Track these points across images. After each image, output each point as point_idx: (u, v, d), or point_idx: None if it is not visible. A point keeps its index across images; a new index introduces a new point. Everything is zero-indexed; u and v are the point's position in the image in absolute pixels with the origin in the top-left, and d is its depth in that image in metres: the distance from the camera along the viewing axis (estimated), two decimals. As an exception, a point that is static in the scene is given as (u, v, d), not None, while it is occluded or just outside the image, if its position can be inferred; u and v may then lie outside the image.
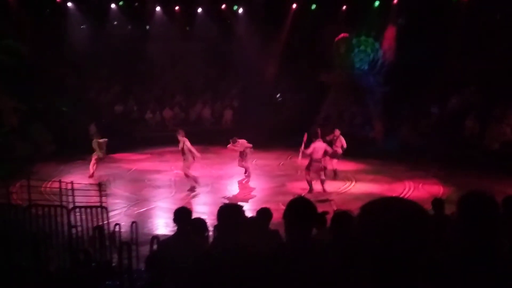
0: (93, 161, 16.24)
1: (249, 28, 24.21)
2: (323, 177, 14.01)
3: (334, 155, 15.46)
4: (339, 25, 22.49)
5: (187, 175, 14.60)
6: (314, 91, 23.49)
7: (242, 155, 15.47)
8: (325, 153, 13.95)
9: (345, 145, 15.66)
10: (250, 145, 15.43)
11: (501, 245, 2.70)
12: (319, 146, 13.68)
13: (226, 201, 12.96)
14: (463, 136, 18.92)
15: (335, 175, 15.74)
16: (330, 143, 15.19)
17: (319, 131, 14.21)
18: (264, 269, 3.07)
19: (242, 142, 15.40)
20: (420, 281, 1.66)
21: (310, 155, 13.67)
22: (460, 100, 20.80)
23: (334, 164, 15.75)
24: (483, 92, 19.85)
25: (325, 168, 14.39)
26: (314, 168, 13.82)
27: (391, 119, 21.95)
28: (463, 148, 18.15)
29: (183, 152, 14.40)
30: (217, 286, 3.30)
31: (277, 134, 21.51)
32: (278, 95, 26.43)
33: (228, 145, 15.69)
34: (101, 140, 16.34)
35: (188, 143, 14.35)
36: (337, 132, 15.89)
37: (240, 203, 4.75)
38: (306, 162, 14.00)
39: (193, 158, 14.53)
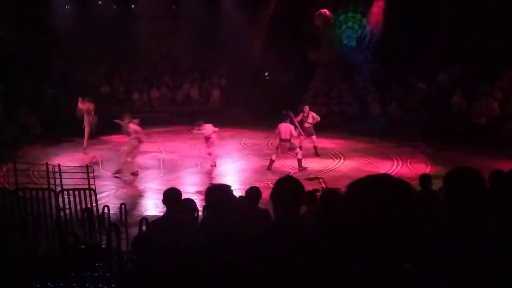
0: (86, 135, 16.21)
1: (235, 6, 23.95)
2: (299, 156, 14.21)
3: (309, 133, 15.60)
4: (327, 1, 22.28)
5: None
6: (302, 69, 23.41)
7: (207, 140, 14.52)
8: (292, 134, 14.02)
9: (318, 119, 15.77)
10: (217, 129, 14.68)
11: (488, 220, 2.71)
12: (285, 127, 13.80)
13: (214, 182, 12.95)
14: (451, 112, 19.01)
15: (316, 152, 15.83)
16: (301, 122, 15.54)
17: (287, 112, 14.34)
18: (253, 249, 3.07)
19: (208, 126, 14.47)
20: (407, 257, 1.65)
21: (278, 135, 13.88)
22: (448, 76, 20.86)
23: (313, 140, 15.83)
24: (470, 68, 19.92)
25: (300, 147, 14.64)
26: (281, 148, 13.97)
27: (380, 95, 22.01)
28: (450, 123, 18.26)
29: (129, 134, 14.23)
30: (206, 267, 3.30)
31: (265, 113, 21.47)
32: (266, 74, 26.32)
33: (193, 130, 14.87)
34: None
35: (133, 126, 14.09)
36: (306, 108, 16.03)
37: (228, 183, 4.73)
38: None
39: (138, 141, 14.20)
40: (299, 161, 14.19)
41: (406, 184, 1.68)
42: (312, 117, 15.79)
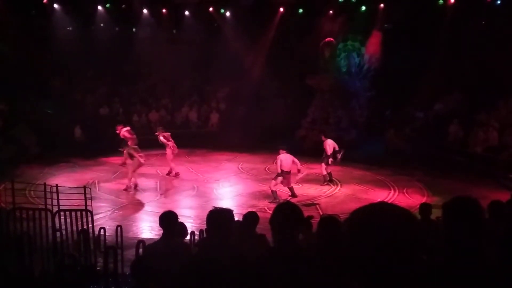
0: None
1: (236, 32, 24.20)
2: (290, 185, 14.07)
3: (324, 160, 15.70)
4: (326, 30, 22.53)
5: None
6: (300, 95, 23.55)
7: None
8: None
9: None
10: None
11: (486, 249, 2.73)
12: (285, 158, 13.64)
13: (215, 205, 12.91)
14: (447, 141, 19.11)
15: (325, 180, 15.77)
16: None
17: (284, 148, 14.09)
18: (252, 274, 3.07)
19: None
20: (407, 286, 1.67)
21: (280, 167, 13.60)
22: (445, 106, 21.02)
23: (323, 167, 15.80)
24: (467, 98, 20.09)
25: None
26: (286, 180, 13.80)
27: (376, 123, 22.11)
28: (447, 152, 18.33)
29: None
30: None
31: (263, 137, 21.53)
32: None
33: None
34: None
35: None
36: (323, 137, 16.06)
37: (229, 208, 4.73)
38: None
39: None
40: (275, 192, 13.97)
41: (408, 212, 1.70)
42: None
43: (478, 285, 2.46)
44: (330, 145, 15.72)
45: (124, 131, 15.99)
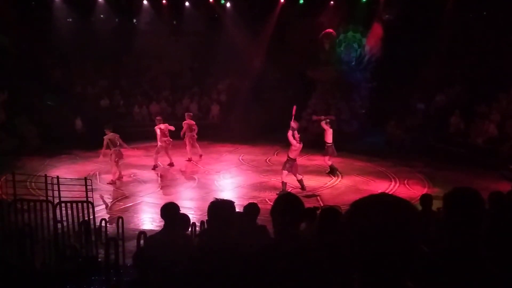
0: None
1: (236, 22, 24.13)
2: (299, 177, 13.94)
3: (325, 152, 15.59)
4: (327, 20, 22.45)
5: None
6: (301, 86, 23.51)
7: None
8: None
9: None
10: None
11: (487, 240, 2.73)
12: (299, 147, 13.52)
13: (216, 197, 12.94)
14: (448, 133, 19.10)
15: (330, 171, 15.72)
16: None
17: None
18: (253, 265, 3.08)
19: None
20: (408, 277, 1.67)
21: (288, 154, 13.52)
22: (446, 97, 20.98)
23: (325, 160, 15.77)
24: (468, 89, 20.05)
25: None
26: (294, 168, 13.72)
27: (377, 115, 22.08)
28: (448, 144, 18.32)
29: None
30: (206, 281, 3.30)
31: (264, 129, 21.52)
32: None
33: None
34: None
35: None
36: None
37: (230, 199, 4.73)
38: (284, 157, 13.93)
39: None
40: (301, 181, 14.09)
41: (410, 204, 1.70)
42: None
43: (479, 276, 2.46)
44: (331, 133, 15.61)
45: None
